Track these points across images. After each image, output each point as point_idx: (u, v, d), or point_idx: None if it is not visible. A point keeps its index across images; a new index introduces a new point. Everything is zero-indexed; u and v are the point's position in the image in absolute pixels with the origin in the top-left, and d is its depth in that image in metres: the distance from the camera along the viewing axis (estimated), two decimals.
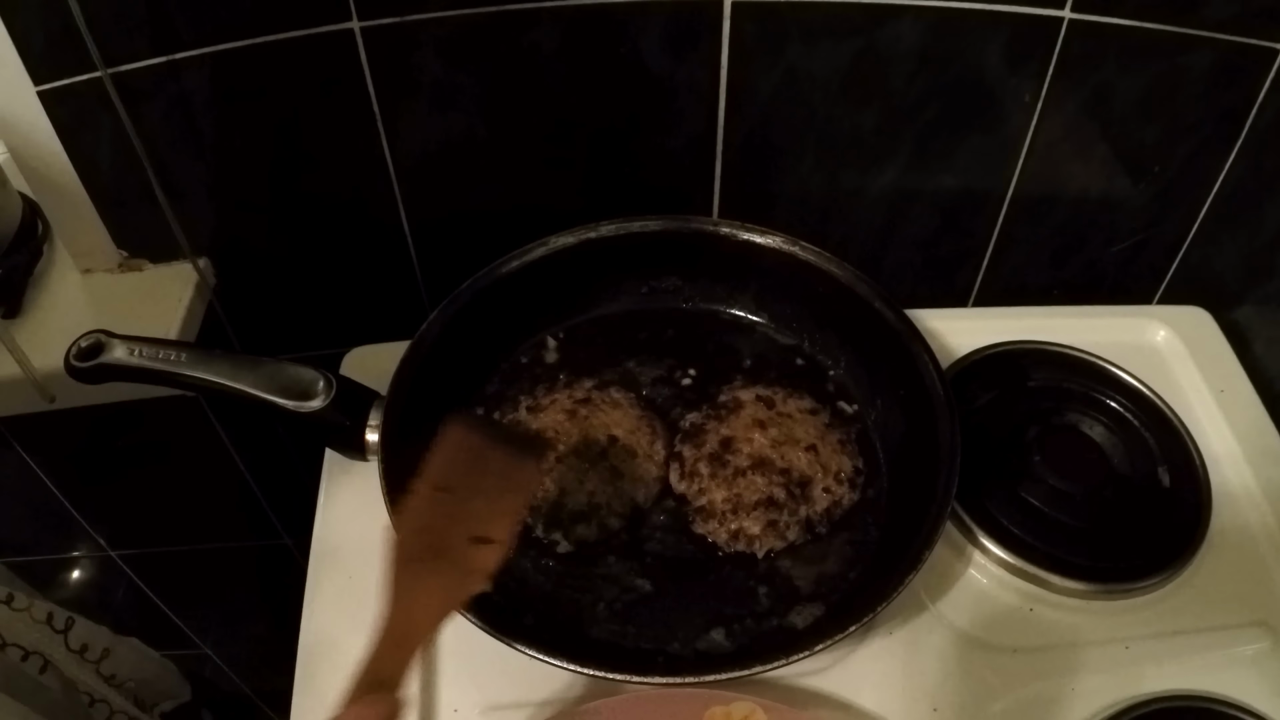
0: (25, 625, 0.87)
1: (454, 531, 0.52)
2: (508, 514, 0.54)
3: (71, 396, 0.86)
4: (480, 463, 0.55)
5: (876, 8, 0.78)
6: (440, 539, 0.52)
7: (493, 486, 0.54)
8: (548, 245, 0.80)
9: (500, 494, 0.54)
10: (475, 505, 0.53)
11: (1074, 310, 0.92)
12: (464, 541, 0.52)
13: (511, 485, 0.56)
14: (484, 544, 0.52)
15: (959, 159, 0.89)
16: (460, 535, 0.52)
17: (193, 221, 0.89)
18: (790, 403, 0.78)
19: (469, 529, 0.52)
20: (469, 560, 0.51)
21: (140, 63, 0.77)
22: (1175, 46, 0.78)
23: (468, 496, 0.54)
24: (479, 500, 0.54)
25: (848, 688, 0.68)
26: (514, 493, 0.56)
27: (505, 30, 0.78)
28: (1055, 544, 0.74)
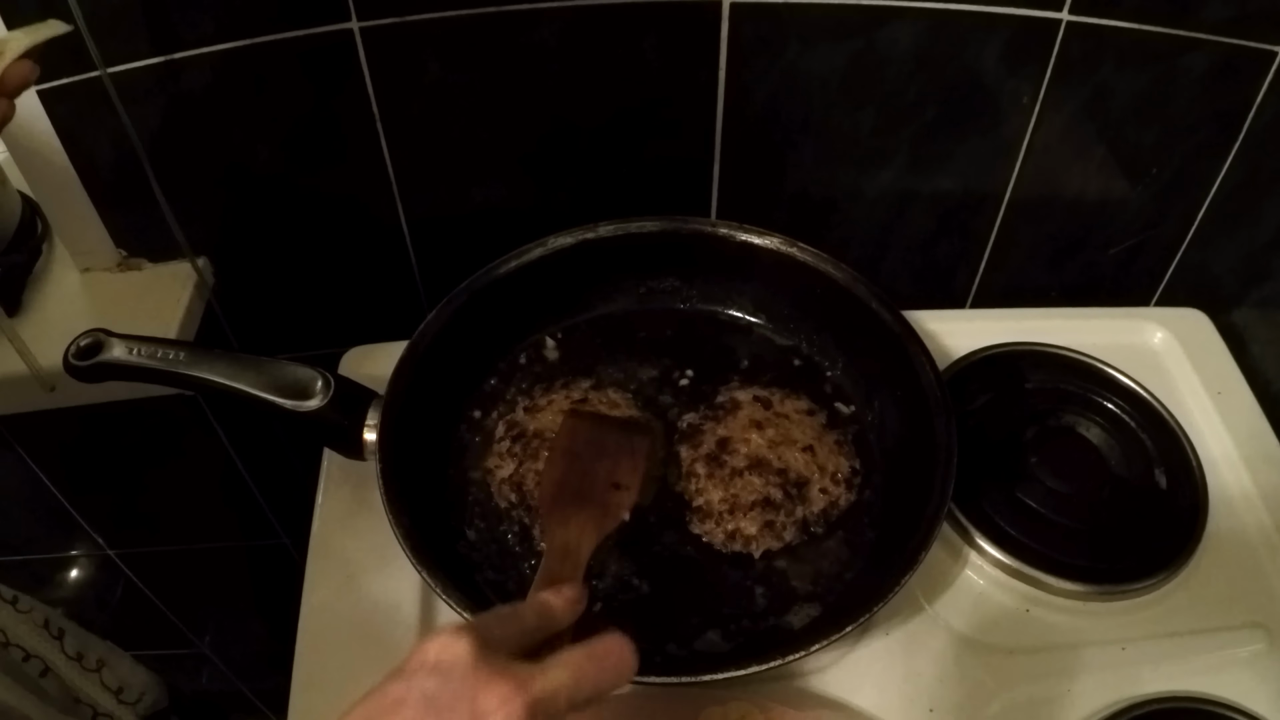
0: (28, 628, 0.87)
1: (591, 482, 0.65)
2: (632, 469, 0.66)
3: (70, 395, 0.86)
4: (599, 434, 0.69)
5: (875, 9, 0.78)
6: (581, 486, 0.64)
7: (613, 450, 0.68)
8: (546, 245, 0.80)
9: (620, 455, 0.67)
10: (603, 463, 0.66)
11: (1071, 312, 0.93)
12: (604, 486, 0.65)
13: (628, 449, 0.68)
14: (618, 489, 0.65)
15: (957, 160, 0.89)
16: (599, 483, 0.65)
17: (192, 221, 0.89)
18: (787, 403, 0.78)
19: (604, 478, 0.65)
20: (608, 500, 0.64)
21: (139, 62, 0.77)
22: (1173, 48, 0.78)
23: (595, 457, 0.67)
24: (605, 460, 0.67)
25: (844, 688, 0.68)
26: (632, 454, 0.68)
27: (504, 30, 0.78)
28: (1052, 545, 0.74)
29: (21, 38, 0.59)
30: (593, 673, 0.43)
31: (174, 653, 1.40)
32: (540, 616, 0.46)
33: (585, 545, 0.59)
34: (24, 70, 0.59)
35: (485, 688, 0.39)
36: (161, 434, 1.06)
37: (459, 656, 0.40)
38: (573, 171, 0.90)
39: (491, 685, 0.39)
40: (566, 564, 0.56)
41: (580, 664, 0.43)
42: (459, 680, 0.39)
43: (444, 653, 0.40)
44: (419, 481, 0.72)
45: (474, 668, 0.39)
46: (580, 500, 0.63)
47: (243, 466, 1.12)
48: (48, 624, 0.90)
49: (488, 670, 0.39)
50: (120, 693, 0.96)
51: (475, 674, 0.39)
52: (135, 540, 1.23)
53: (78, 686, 0.92)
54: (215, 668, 1.45)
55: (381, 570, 0.73)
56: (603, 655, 0.45)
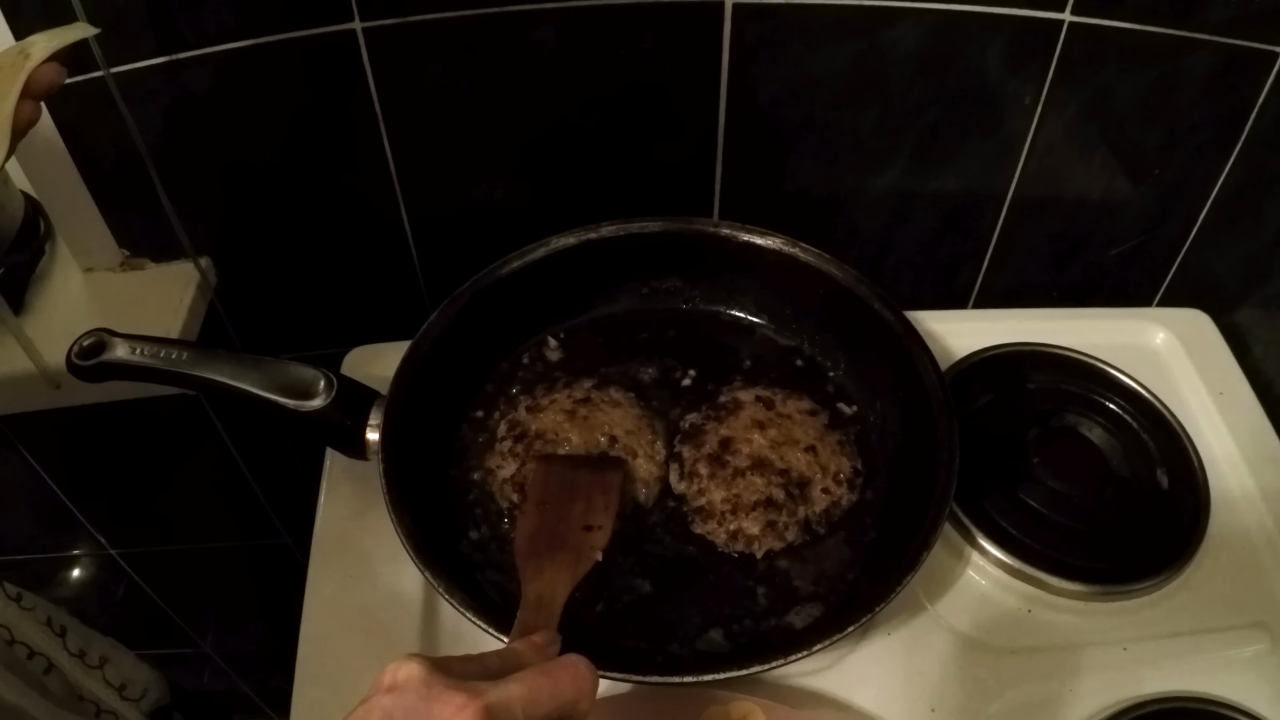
0: (32, 626, 0.88)
1: (565, 527, 0.66)
2: (604, 507, 0.68)
3: (73, 395, 0.86)
4: (569, 479, 0.70)
5: (877, 10, 0.78)
6: (555, 534, 0.65)
7: (584, 493, 0.69)
8: (548, 245, 0.80)
9: (592, 496, 0.69)
10: (576, 508, 0.68)
11: (1073, 312, 0.93)
12: (577, 531, 0.66)
13: (599, 489, 0.70)
14: (592, 530, 0.66)
15: (959, 161, 0.89)
16: (572, 528, 0.66)
17: (194, 221, 0.89)
18: (790, 404, 0.78)
19: (578, 522, 0.66)
20: (583, 542, 0.65)
21: (142, 62, 0.77)
22: (1175, 49, 0.78)
23: (567, 502, 0.68)
24: (577, 504, 0.68)
25: (846, 688, 0.68)
26: (604, 493, 0.69)
27: (506, 30, 0.78)
28: (1054, 545, 0.74)
29: (48, 40, 0.59)
30: (548, 687, 0.44)
31: (176, 652, 1.40)
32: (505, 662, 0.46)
33: (559, 594, 0.59)
34: (51, 73, 0.59)
35: (440, 698, 0.40)
36: (164, 434, 1.06)
37: (412, 674, 0.41)
38: (575, 172, 0.91)
39: (446, 696, 0.40)
40: (541, 615, 0.57)
41: (533, 678, 0.44)
42: (413, 694, 0.40)
43: (398, 674, 0.41)
44: (421, 481, 0.72)
45: (427, 683, 0.40)
46: (553, 548, 0.64)
47: (245, 466, 1.12)
48: (50, 621, 0.90)
49: (442, 683, 0.40)
50: (123, 689, 0.96)
51: (429, 688, 0.40)
52: (137, 540, 1.23)
53: (81, 683, 0.92)
54: (217, 667, 1.45)
55: (384, 570, 0.73)
56: (556, 669, 0.45)
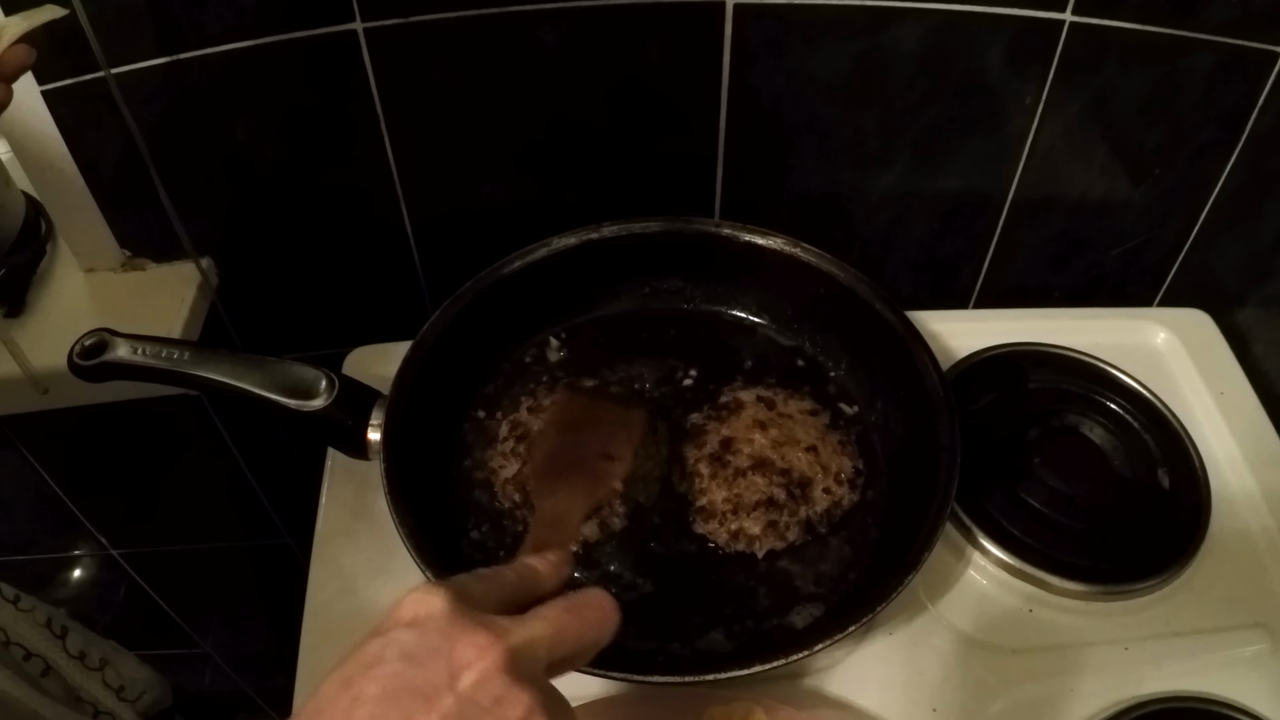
0: (29, 627, 0.87)
1: (583, 452, 0.65)
2: (625, 440, 0.67)
3: (72, 395, 0.86)
4: (591, 409, 0.70)
5: (878, 10, 0.78)
6: (573, 456, 0.65)
7: (605, 423, 0.68)
8: (550, 246, 0.80)
9: (614, 427, 0.68)
10: (595, 434, 0.67)
11: (1074, 312, 0.93)
12: (595, 457, 0.65)
13: (622, 422, 0.69)
14: (610, 460, 0.65)
15: (960, 161, 0.89)
16: (590, 453, 0.65)
17: (195, 221, 0.89)
18: (791, 404, 0.78)
19: (596, 450, 0.66)
20: (599, 470, 0.64)
21: (143, 63, 0.77)
22: (1176, 49, 0.78)
23: (587, 429, 0.68)
24: (598, 431, 0.67)
25: (847, 688, 0.68)
26: (625, 427, 0.69)
27: (507, 31, 0.78)
28: (1055, 545, 0.74)
29: (19, 22, 0.59)
30: (573, 625, 0.42)
31: (177, 652, 1.40)
32: (522, 578, 0.45)
33: (575, 513, 0.58)
34: (20, 54, 0.59)
35: (462, 638, 0.38)
36: (165, 434, 1.06)
37: (435, 610, 0.39)
38: (576, 172, 0.91)
39: (469, 635, 0.38)
40: (555, 532, 0.55)
41: (559, 616, 0.42)
42: (435, 633, 0.38)
43: (419, 607, 0.39)
44: (423, 481, 0.72)
45: (450, 620, 0.39)
46: (571, 470, 0.63)
47: (246, 466, 1.12)
48: (50, 623, 0.90)
49: (464, 622, 0.39)
50: (121, 691, 0.96)
51: (451, 626, 0.38)
52: (138, 540, 1.23)
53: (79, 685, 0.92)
54: (219, 667, 1.45)
55: (385, 570, 0.73)
56: (582, 607, 0.43)
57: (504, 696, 0.37)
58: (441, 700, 0.36)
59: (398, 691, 0.37)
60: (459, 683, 0.37)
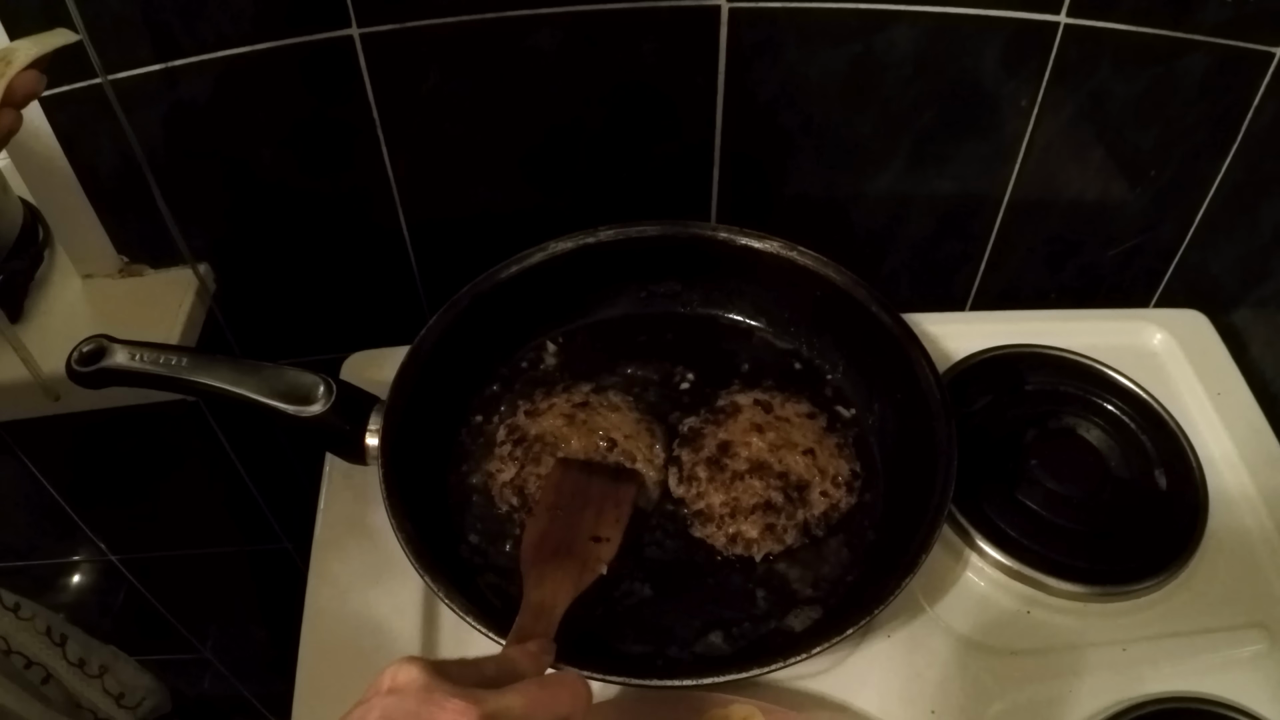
0: (29, 635, 0.87)
1: (573, 535, 0.66)
2: (614, 520, 0.68)
3: (73, 401, 0.86)
4: (583, 487, 0.70)
5: (873, 13, 0.78)
6: (563, 541, 0.66)
7: (596, 502, 0.69)
8: (546, 250, 0.80)
9: (604, 507, 0.69)
10: (586, 515, 0.68)
11: (1071, 314, 0.93)
12: (584, 541, 0.66)
13: (612, 500, 0.70)
14: (599, 542, 0.66)
15: (956, 163, 0.89)
16: (579, 537, 0.66)
17: (193, 227, 0.89)
18: (788, 407, 0.78)
19: (586, 532, 0.67)
20: (589, 553, 0.65)
21: (140, 69, 0.77)
22: (1171, 50, 0.79)
23: (579, 510, 0.68)
24: (588, 512, 0.68)
25: (846, 690, 0.68)
26: (616, 505, 0.69)
27: (503, 36, 0.79)
28: (1052, 547, 0.74)
29: (29, 47, 0.58)
30: (545, 701, 0.44)
31: (177, 658, 1.40)
32: (501, 670, 0.47)
33: (560, 603, 0.60)
34: (31, 81, 0.58)
35: (440, 704, 0.40)
36: (163, 440, 1.06)
37: (414, 678, 0.41)
38: (573, 176, 0.91)
39: (446, 701, 0.40)
40: (540, 622, 0.58)
41: (532, 691, 0.44)
42: (414, 699, 0.40)
43: (399, 676, 0.42)
44: (421, 486, 0.72)
45: (428, 688, 0.41)
46: (559, 556, 0.64)
47: (245, 472, 1.12)
48: (50, 631, 0.90)
49: (442, 689, 0.41)
50: (120, 698, 0.96)
51: (429, 692, 0.41)
52: (137, 546, 1.23)
53: (79, 692, 0.92)
54: (218, 673, 1.45)
55: (384, 575, 0.73)
56: (555, 685, 0.46)
57: None
58: None
59: None
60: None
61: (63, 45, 0.60)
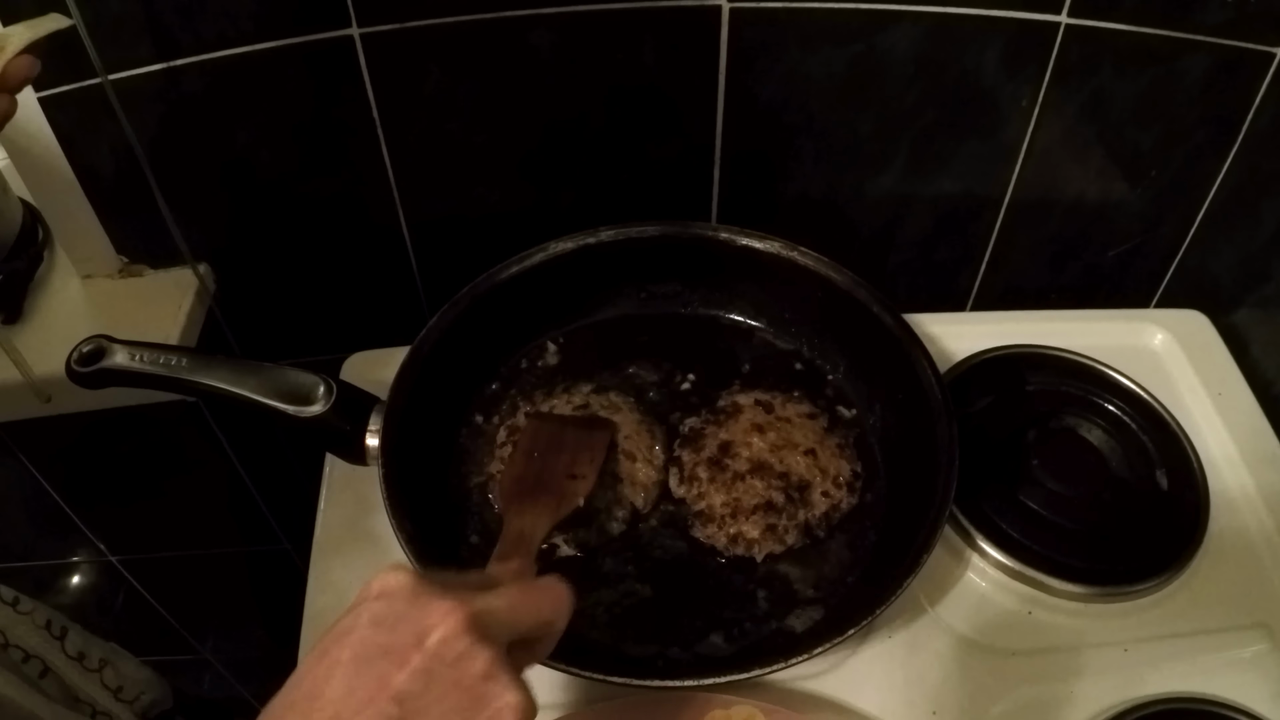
0: (27, 628, 0.87)
1: (549, 474, 0.68)
2: (589, 460, 0.70)
3: (70, 402, 0.86)
4: (559, 432, 0.73)
5: (874, 13, 0.78)
6: (539, 479, 0.68)
7: (572, 445, 0.71)
8: (547, 250, 0.80)
9: (579, 449, 0.71)
10: (562, 457, 0.70)
11: (1072, 314, 0.93)
12: (561, 478, 0.68)
13: (586, 444, 0.72)
14: (575, 479, 0.69)
15: (957, 163, 0.89)
16: (556, 475, 0.68)
17: (193, 227, 0.89)
18: (789, 407, 0.78)
19: (563, 471, 0.69)
20: (565, 489, 0.68)
21: (140, 69, 0.77)
22: (1171, 51, 0.79)
23: (555, 452, 0.70)
24: (564, 454, 0.70)
25: (847, 691, 0.68)
26: (590, 448, 0.71)
27: (503, 35, 0.78)
28: (1054, 547, 0.74)
29: (23, 32, 0.58)
30: (530, 601, 0.47)
31: (176, 658, 1.40)
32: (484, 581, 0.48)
33: (539, 530, 0.61)
34: (25, 65, 0.58)
35: (428, 604, 0.42)
36: (163, 440, 1.06)
37: (402, 583, 0.43)
38: (573, 176, 0.91)
39: (434, 602, 0.42)
40: (519, 547, 0.59)
41: (516, 592, 0.46)
42: (403, 601, 0.42)
43: (387, 581, 0.43)
44: (421, 486, 0.72)
45: (416, 591, 0.42)
46: (537, 492, 0.66)
47: (244, 472, 1.12)
48: (49, 624, 0.90)
49: (430, 591, 0.42)
50: (119, 691, 0.96)
51: (417, 595, 0.42)
52: (137, 546, 1.23)
53: (77, 685, 0.91)
54: (217, 673, 1.45)
55: None
56: (537, 589, 0.48)
57: (466, 653, 0.41)
58: (410, 659, 0.40)
59: (369, 654, 0.40)
60: (426, 642, 0.41)
61: (56, 30, 0.60)
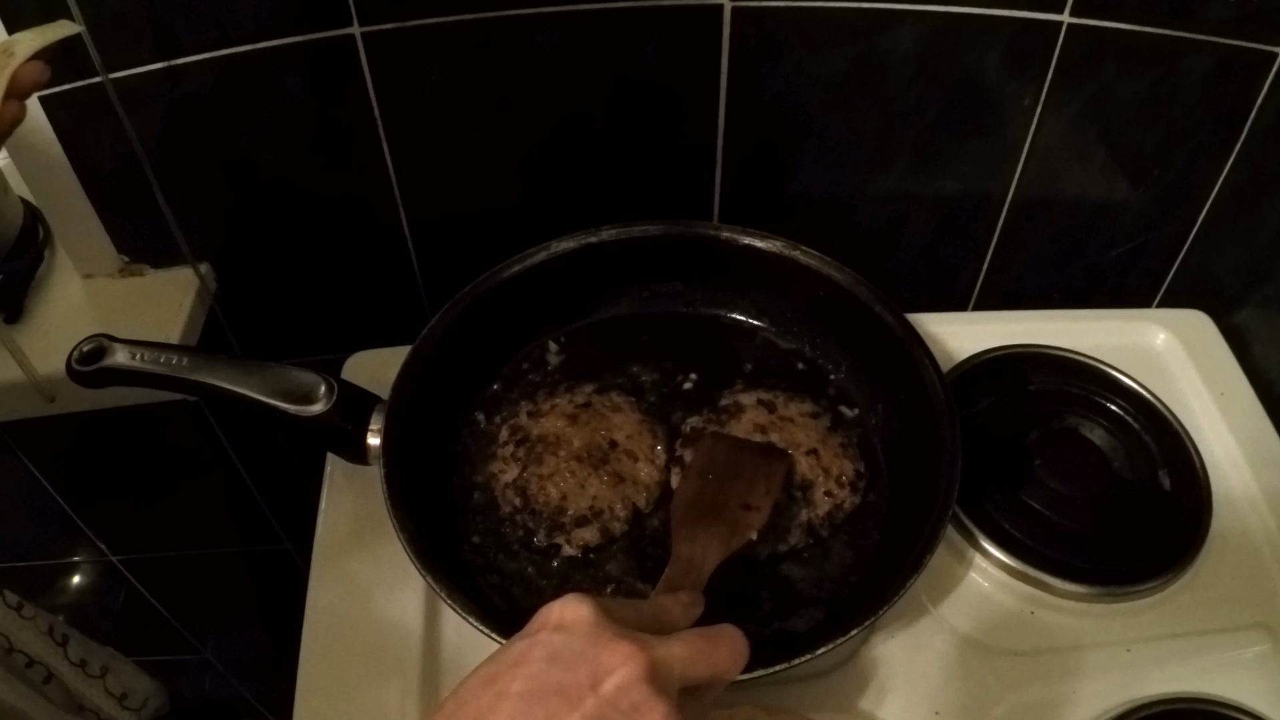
0: (31, 634, 0.87)
1: (724, 500, 0.66)
2: (764, 492, 0.68)
3: (72, 401, 0.86)
4: (735, 457, 0.71)
5: (876, 13, 0.78)
6: (714, 504, 0.66)
7: (748, 474, 0.69)
8: (549, 250, 0.80)
9: (754, 479, 0.69)
10: (737, 484, 0.68)
11: (1074, 314, 0.93)
12: (735, 507, 0.66)
13: (763, 473, 0.69)
14: (749, 510, 0.66)
15: (959, 163, 0.89)
16: (730, 503, 0.66)
17: (194, 226, 0.89)
18: (791, 406, 0.78)
19: (737, 499, 0.66)
20: (738, 519, 0.65)
21: (141, 68, 0.77)
22: (1173, 50, 0.79)
23: (730, 478, 0.68)
24: (740, 481, 0.68)
25: (849, 691, 0.68)
26: (766, 478, 0.69)
27: (505, 34, 0.78)
28: (1056, 547, 0.74)
29: (31, 38, 0.58)
30: (708, 651, 0.44)
31: (177, 659, 1.40)
32: (656, 614, 0.47)
33: (710, 560, 0.59)
34: (35, 71, 0.58)
35: (608, 645, 0.40)
36: (164, 440, 1.06)
37: (583, 617, 0.41)
38: (575, 175, 0.91)
39: (614, 644, 0.40)
40: (689, 575, 0.57)
41: (698, 643, 0.44)
42: (582, 638, 0.40)
43: (566, 613, 0.41)
44: (423, 486, 0.72)
45: (597, 628, 0.40)
46: (710, 518, 0.64)
47: (245, 472, 1.12)
48: (51, 630, 0.90)
49: (611, 630, 0.40)
50: (124, 699, 0.96)
51: (599, 633, 0.40)
52: (138, 546, 1.23)
53: (81, 693, 0.91)
54: (218, 674, 1.45)
55: (385, 575, 0.73)
56: (718, 638, 0.45)
57: (642, 705, 0.39)
58: (583, 702, 0.38)
59: (542, 690, 0.38)
60: (602, 687, 0.38)
61: (65, 37, 0.61)
